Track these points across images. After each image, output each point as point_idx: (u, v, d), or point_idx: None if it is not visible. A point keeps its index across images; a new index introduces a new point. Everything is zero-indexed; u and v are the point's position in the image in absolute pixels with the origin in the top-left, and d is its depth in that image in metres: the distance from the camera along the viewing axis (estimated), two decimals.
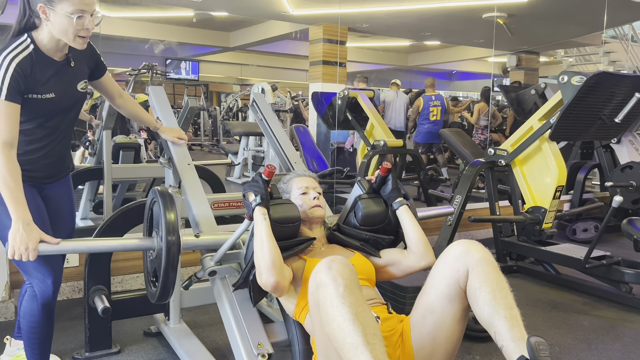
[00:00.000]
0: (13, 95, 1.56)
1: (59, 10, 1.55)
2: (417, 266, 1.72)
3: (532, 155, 3.30)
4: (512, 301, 1.37)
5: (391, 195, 1.80)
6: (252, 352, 1.61)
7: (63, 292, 2.81)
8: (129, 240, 1.80)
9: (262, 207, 1.58)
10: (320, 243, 1.77)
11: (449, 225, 3.46)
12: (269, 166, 1.61)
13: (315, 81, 7.14)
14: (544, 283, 3.31)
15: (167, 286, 1.60)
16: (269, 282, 1.49)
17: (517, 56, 9.05)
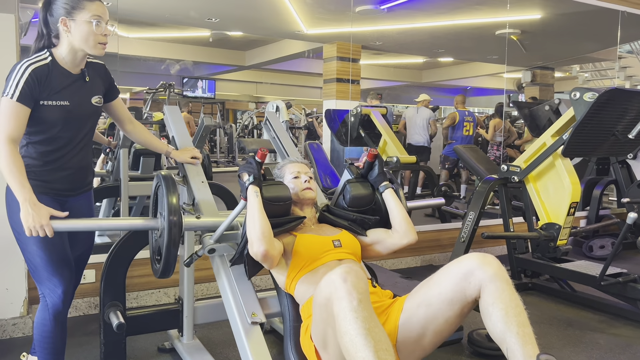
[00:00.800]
0: (24, 98, 1.67)
1: (79, 19, 1.71)
2: (400, 243, 1.87)
3: (546, 171, 3.29)
4: (526, 319, 1.39)
5: (377, 179, 1.98)
6: (247, 320, 1.75)
7: (79, 307, 2.86)
8: (136, 220, 1.93)
9: (255, 185, 1.73)
10: (311, 222, 1.91)
11: (463, 241, 3.45)
12: (262, 149, 1.77)
13: (329, 98, 7.20)
14: (559, 300, 3.27)
15: (169, 262, 1.74)
16: (259, 250, 1.63)
17: (532, 72, 9.03)
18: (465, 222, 3.47)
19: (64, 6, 1.72)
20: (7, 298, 2.54)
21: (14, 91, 1.65)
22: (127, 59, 7.42)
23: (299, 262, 1.72)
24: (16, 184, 1.64)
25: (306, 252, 1.73)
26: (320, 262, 1.72)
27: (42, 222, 1.62)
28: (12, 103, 1.65)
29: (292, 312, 1.76)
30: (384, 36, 6.91)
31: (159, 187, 1.82)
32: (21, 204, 1.63)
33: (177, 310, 2.36)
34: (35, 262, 1.79)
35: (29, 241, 1.77)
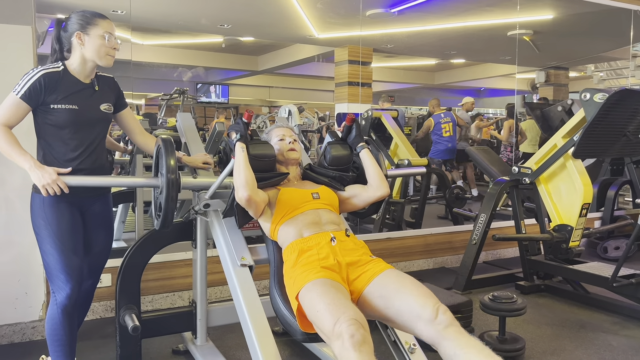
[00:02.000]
0: (28, 97, 1.84)
1: (93, 33, 1.91)
2: (374, 195, 2.06)
3: (557, 172, 3.29)
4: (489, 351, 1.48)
5: (355, 141, 2.17)
6: (237, 263, 1.95)
7: (96, 311, 2.92)
8: (139, 179, 2.22)
9: (242, 142, 1.92)
10: (295, 179, 2.11)
11: (474, 244, 3.45)
12: (248, 110, 2.00)
13: (341, 102, 7.23)
14: (572, 302, 3.25)
15: (167, 214, 1.93)
16: (243, 196, 1.82)
17: (546, 72, 8.96)
18: (476, 224, 3.47)
19: (79, 22, 1.91)
20: (26, 302, 2.61)
21: (21, 89, 1.84)
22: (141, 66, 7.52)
23: (282, 211, 1.91)
24: (16, 154, 1.82)
25: (288, 202, 1.92)
26: (299, 210, 1.90)
27: (52, 177, 1.80)
28: (14, 98, 1.84)
29: (276, 256, 1.95)
30: (395, 39, 6.92)
31: (160, 150, 1.98)
32: (28, 170, 1.81)
33: (190, 313, 2.41)
34: (48, 260, 1.92)
35: (44, 241, 1.91)
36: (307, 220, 1.86)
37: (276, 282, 1.86)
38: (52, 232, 1.89)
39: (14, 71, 2.50)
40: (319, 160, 2.22)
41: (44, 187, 1.80)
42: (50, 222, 1.89)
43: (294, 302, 1.67)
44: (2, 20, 2.48)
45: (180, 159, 2.20)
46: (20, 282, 2.59)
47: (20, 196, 2.46)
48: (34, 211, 1.93)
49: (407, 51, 8.26)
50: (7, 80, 2.48)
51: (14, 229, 2.53)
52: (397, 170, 2.62)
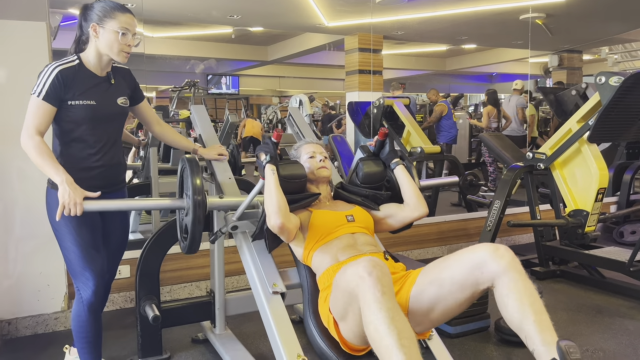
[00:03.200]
0: (50, 97, 1.79)
1: (108, 27, 1.83)
2: (411, 216, 1.96)
3: (572, 157, 3.26)
4: (541, 306, 1.41)
5: (388, 156, 2.06)
6: (268, 290, 1.85)
7: (116, 301, 2.98)
8: (164, 200, 2.08)
9: (272, 164, 1.84)
10: (326, 199, 2.01)
11: (489, 230, 3.44)
12: (277, 129, 1.90)
13: (351, 90, 7.22)
14: (588, 287, 3.24)
15: (194, 238, 1.85)
16: (276, 223, 1.73)
17: (559, 55, 8.84)
18: (491, 210, 3.46)
19: (97, 13, 1.83)
20: (48, 294, 2.67)
21: (41, 90, 1.78)
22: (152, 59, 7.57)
23: (315, 235, 1.82)
24: (50, 168, 1.76)
25: (321, 226, 1.83)
26: (334, 235, 1.81)
27: (76, 199, 1.73)
28: (38, 101, 1.79)
29: (310, 283, 1.85)
30: (406, 26, 6.87)
31: (184, 170, 1.93)
32: (59, 184, 1.74)
33: (209, 302, 2.45)
34: (70, 257, 1.91)
35: (65, 238, 1.89)
36: (343, 245, 1.78)
37: (311, 312, 1.76)
38: (73, 228, 1.86)
39: (30, 68, 2.53)
40: (349, 177, 2.12)
41: (62, 205, 1.73)
42: (69, 219, 1.83)
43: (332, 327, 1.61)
44: (17, 16, 2.51)
45: (197, 151, 2.21)
46: (42, 274, 2.64)
47: (40, 189, 2.50)
48: (52, 207, 1.88)
49: (418, 37, 8.20)
50: (23, 77, 2.52)
51: (34, 222, 2.58)
52: (430, 182, 2.50)
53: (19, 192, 2.56)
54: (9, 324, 2.61)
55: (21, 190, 2.56)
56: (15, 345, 2.54)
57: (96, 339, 2.00)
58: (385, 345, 1.28)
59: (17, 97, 2.52)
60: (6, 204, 2.56)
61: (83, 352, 2.00)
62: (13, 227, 2.57)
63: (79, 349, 2.01)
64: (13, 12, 2.50)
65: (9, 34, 2.50)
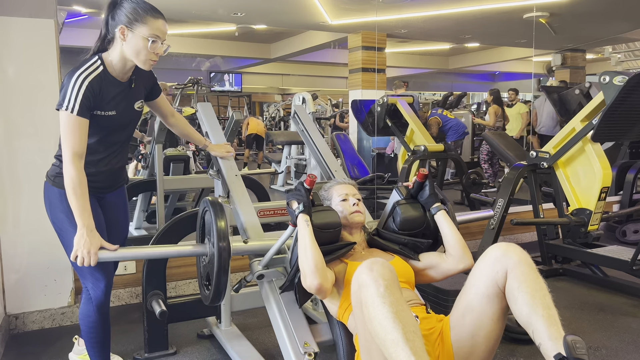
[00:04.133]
0: (83, 111, 1.69)
1: (138, 32, 1.70)
2: (456, 269, 1.78)
3: (576, 156, 3.27)
4: (550, 301, 1.41)
5: (429, 200, 1.88)
6: (299, 350, 1.70)
7: (121, 297, 3.00)
8: (184, 247, 1.96)
9: (305, 214, 1.69)
10: (361, 247, 1.85)
11: (492, 229, 3.46)
12: (310, 175, 1.72)
13: (355, 88, 7.24)
14: (591, 286, 3.26)
15: (219, 289, 1.73)
16: (313, 284, 1.59)
17: (562, 54, 8.84)
18: (494, 209, 3.48)
19: (128, 15, 1.70)
20: (55, 289, 2.69)
21: (74, 105, 1.67)
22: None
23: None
24: (78, 207, 1.68)
25: None
26: None
27: (91, 249, 1.67)
28: (73, 118, 1.67)
29: (344, 341, 1.70)
30: (410, 24, 6.88)
31: (206, 212, 1.82)
32: (79, 228, 1.67)
33: None
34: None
35: (70, 237, 1.81)
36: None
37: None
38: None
39: (38, 65, 2.56)
40: (384, 222, 1.93)
41: (76, 252, 1.67)
42: (73, 221, 1.73)
43: None
44: (25, 14, 2.52)
45: (206, 146, 2.25)
46: (49, 269, 2.66)
47: None
48: (53, 205, 1.84)
49: (421, 36, 8.22)
50: (32, 75, 2.55)
51: (40, 217, 2.59)
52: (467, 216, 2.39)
53: (26, 187, 2.58)
54: (16, 318, 2.63)
55: (28, 185, 2.58)
56: (23, 340, 2.56)
57: (105, 338, 1.98)
58: (390, 340, 1.28)
59: (25, 94, 2.54)
60: (13, 199, 2.58)
61: (93, 352, 1.99)
62: (20, 222, 2.59)
63: (89, 348, 2.00)
64: (21, 10, 2.52)
65: (18, 32, 2.51)
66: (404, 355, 1.25)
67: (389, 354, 1.29)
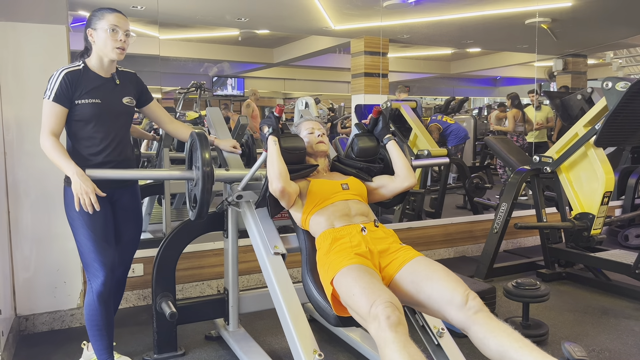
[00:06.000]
0: (59, 98, 1.93)
1: (99, 27, 1.97)
2: (402, 186, 2.12)
3: (578, 161, 3.31)
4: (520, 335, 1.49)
5: (381, 133, 2.24)
6: (270, 251, 2.00)
7: (130, 299, 3.03)
8: (174, 171, 2.26)
9: (274, 136, 2.01)
10: (324, 170, 2.18)
11: (495, 232, 3.50)
12: (279, 105, 2.05)
13: (357, 93, 7.27)
14: (594, 289, 3.29)
15: (203, 205, 2.00)
16: (277, 187, 1.90)
17: (564, 60, 8.88)
18: (497, 213, 3.51)
19: (90, 19, 2.00)
20: (65, 290, 2.73)
21: (51, 93, 1.93)
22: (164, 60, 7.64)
23: (313, 201, 1.97)
24: (63, 162, 1.90)
25: (318, 193, 1.98)
26: (330, 201, 1.96)
27: (88, 190, 1.87)
28: (49, 103, 1.94)
29: (308, 245, 2.01)
30: (412, 30, 6.92)
31: (194, 144, 2.05)
32: (71, 176, 1.89)
33: (223, 300, 2.50)
34: (82, 250, 2.03)
35: (79, 232, 2.02)
36: (338, 212, 1.92)
37: (309, 270, 1.92)
38: (85, 223, 1.98)
39: (50, 70, 2.57)
40: (345, 152, 2.28)
41: (77, 196, 1.88)
42: (83, 214, 1.96)
43: (329, 288, 1.73)
44: (37, 20, 2.57)
45: (213, 142, 2.33)
46: (59, 271, 2.70)
47: (57, 188, 2.56)
48: (68, 204, 2.02)
49: (424, 41, 8.25)
50: (44, 80, 2.54)
51: (52, 220, 2.63)
52: (421, 161, 2.67)
53: (37, 190, 2.62)
54: (26, 319, 2.66)
55: (39, 189, 2.62)
56: (33, 341, 2.59)
57: (107, 326, 2.09)
58: None
59: (38, 98, 2.57)
60: (24, 203, 2.61)
61: (95, 340, 2.09)
62: (30, 225, 2.63)
63: (91, 336, 2.09)
64: (34, 16, 2.56)
65: (30, 37, 2.56)
66: None
67: None
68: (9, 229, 2.58)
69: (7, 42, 2.53)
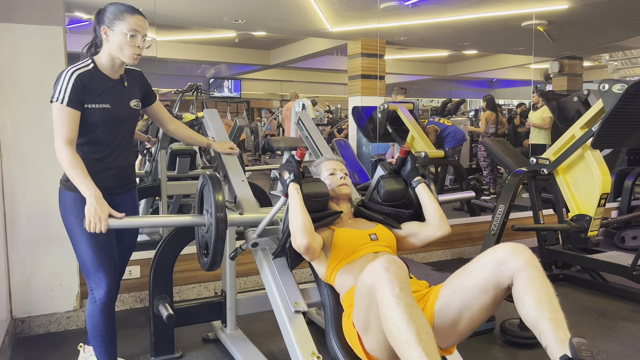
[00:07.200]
0: (73, 102, 1.81)
1: (117, 29, 1.84)
2: (434, 235, 1.94)
3: (575, 163, 3.31)
4: (557, 304, 1.44)
5: (410, 174, 2.05)
6: (290, 309, 1.84)
7: (126, 301, 3.02)
8: (184, 217, 2.09)
9: (296, 182, 1.83)
10: (347, 217, 2.00)
11: (493, 234, 3.49)
12: (301, 148, 1.86)
13: (354, 95, 7.28)
14: (591, 291, 3.29)
15: (216, 255, 1.85)
16: (302, 243, 1.72)
17: (560, 62, 8.91)
18: (495, 215, 3.51)
19: (108, 15, 1.85)
20: (61, 293, 2.71)
21: (64, 96, 1.80)
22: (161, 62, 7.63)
23: (338, 255, 1.80)
24: (80, 181, 1.79)
25: (345, 245, 1.81)
26: (358, 254, 1.80)
27: (102, 216, 1.75)
28: (62, 108, 1.80)
29: (332, 301, 1.84)
30: (409, 32, 6.94)
31: (205, 186, 1.93)
32: (87, 198, 1.76)
33: (220, 302, 2.50)
34: (84, 259, 1.94)
35: (79, 240, 1.92)
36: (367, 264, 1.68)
37: (334, 331, 1.76)
38: (86, 231, 1.82)
39: (47, 72, 2.59)
40: (369, 195, 2.11)
41: (89, 218, 1.75)
42: (84, 220, 1.81)
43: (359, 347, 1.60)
44: (35, 21, 2.56)
45: (210, 144, 2.30)
46: (55, 273, 2.68)
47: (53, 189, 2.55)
48: (66, 208, 1.93)
49: (421, 43, 8.27)
50: (41, 81, 2.58)
51: (49, 222, 2.62)
52: (446, 197, 2.52)
53: (34, 191, 2.61)
54: (22, 322, 2.65)
55: (35, 190, 2.61)
56: (29, 344, 2.58)
57: (111, 337, 2.03)
58: (404, 340, 1.32)
59: (34, 100, 2.58)
60: (19, 204, 2.60)
61: (99, 351, 2.03)
62: (26, 227, 2.62)
63: (95, 347, 2.04)
64: (31, 17, 2.56)
65: (27, 38, 2.55)
66: (417, 356, 1.28)
67: (402, 353, 1.33)
68: (5, 231, 2.57)
69: (4, 43, 2.51)
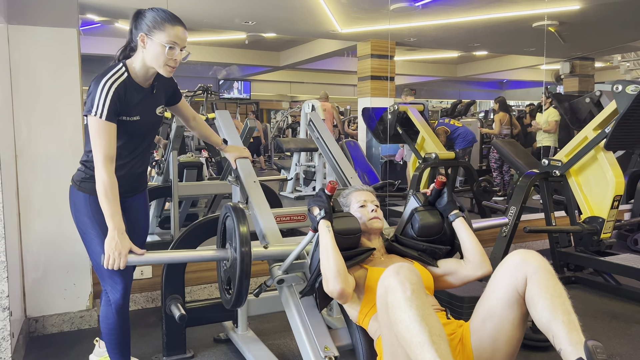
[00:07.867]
0: (111, 116, 1.75)
1: (156, 39, 1.76)
2: (474, 275, 1.80)
3: (588, 165, 3.29)
4: (570, 307, 1.43)
5: (447, 207, 1.89)
6: (320, 354, 1.71)
7: (138, 301, 3.04)
8: (206, 252, 1.98)
9: (326, 220, 1.71)
10: (380, 253, 1.87)
11: (504, 236, 3.48)
12: (332, 182, 1.75)
13: (364, 96, 7.28)
14: (603, 294, 3.27)
15: (241, 293, 1.75)
16: (336, 289, 1.61)
17: (571, 63, 8.85)
18: (506, 217, 3.50)
19: (148, 23, 1.77)
20: (74, 292, 2.74)
21: (102, 110, 1.73)
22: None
23: (372, 298, 1.63)
24: (110, 210, 1.73)
25: None
26: None
27: (122, 251, 1.70)
28: (101, 123, 1.73)
29: (364, 345, 1.72)
30: (420, 33, 6.93)
31: (227, 218, 1.84)
32: (110, 230, 1.71)
33: None
34: (98, 261, 1.88)
35: (93, 241, 1.89)
36: None
37: None
38: (102, 231, 1.80)
39: (61, 74, 2.62)
40: (402, 228, 1.95)
41: (108, 254, 1.70)
42: (98, 221, 1.83)
43: None
44: (49, 23, 2.59)
45: (223, 149, 2.30)
46: (69, 273, 2.71)
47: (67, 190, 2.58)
48: (78, 209, 1.90)
49: (431, 44, 8.25)
50: (55, 83, 2.60)
51: (62, 223, 2.64)
52: (482, 223, 2.39)
53: (47, 192, 2.64)
54: (36, 321, 2.68)
55: (49, 191, 2.63)
56: (43, 343, 2.60)
57: (125, 339, 2.02)
58: (416, 342, 1.30)
59: (49, 102, 2.60)
60: (35, 205, 2.63)
61: (113, 353, 2.02)
62: (40, 227, 2.64)
63: (109, 349, 2.03)
64: (45, 19, 2.58)
65: (41, 41, 2.58)
66: (430, 358, 1.28)
67: (415, 356, 1.31)
68: (19, 231, 2.60)
69: (19, 46, 2.54)
